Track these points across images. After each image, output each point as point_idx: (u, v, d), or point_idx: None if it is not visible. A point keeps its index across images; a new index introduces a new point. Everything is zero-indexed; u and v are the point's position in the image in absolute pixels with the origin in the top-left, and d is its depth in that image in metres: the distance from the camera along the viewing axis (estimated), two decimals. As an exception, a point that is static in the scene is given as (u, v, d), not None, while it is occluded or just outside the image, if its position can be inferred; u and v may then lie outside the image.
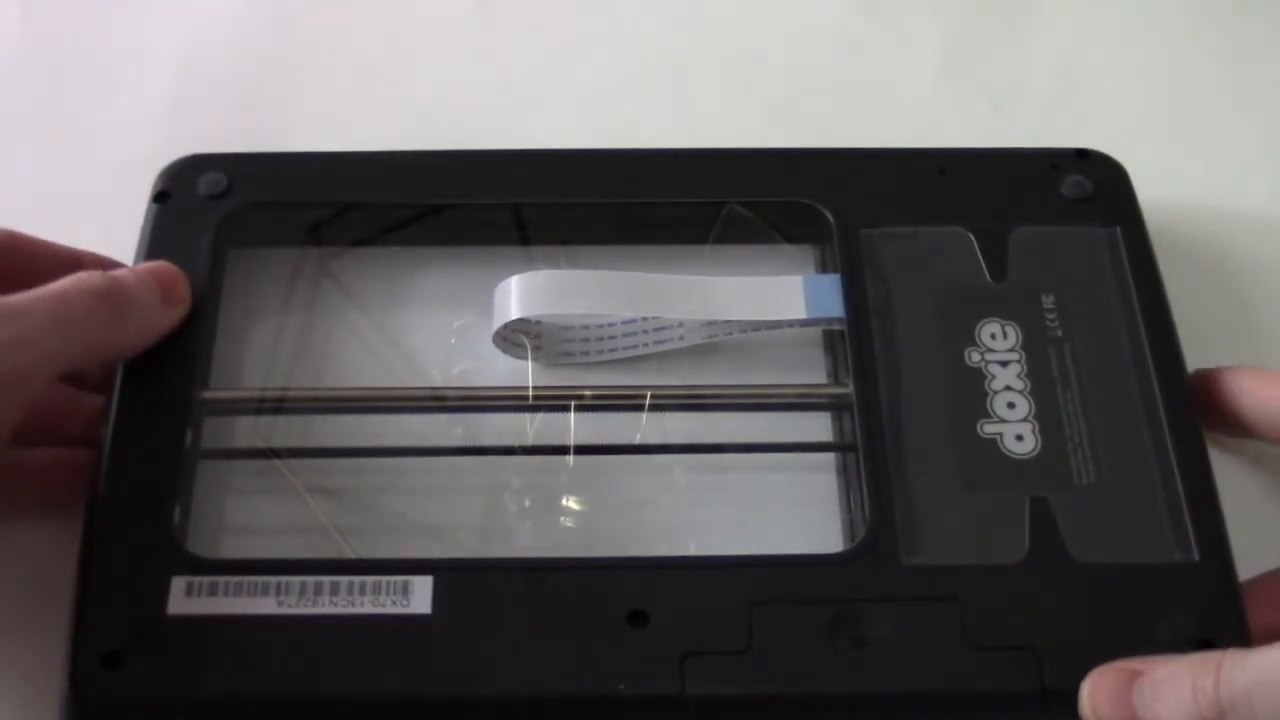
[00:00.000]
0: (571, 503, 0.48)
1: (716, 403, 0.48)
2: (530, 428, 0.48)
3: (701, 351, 0.51)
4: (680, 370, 0.50)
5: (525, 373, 0.50)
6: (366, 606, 0.42)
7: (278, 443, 0.48)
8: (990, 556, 0.44)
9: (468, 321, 0.51)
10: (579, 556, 0.45)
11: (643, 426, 0.48)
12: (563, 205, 0.52)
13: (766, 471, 0.48)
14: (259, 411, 0.48)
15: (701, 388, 0.49)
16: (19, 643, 0.45)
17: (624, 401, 0.48)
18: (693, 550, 0.46)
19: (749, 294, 0.50)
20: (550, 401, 0.48)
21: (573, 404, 0.47)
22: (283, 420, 0.49)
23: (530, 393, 0.48)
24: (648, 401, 0.47)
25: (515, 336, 0.50)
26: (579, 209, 0.52)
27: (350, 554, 0.46)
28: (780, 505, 0.48)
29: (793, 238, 0.53)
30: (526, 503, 0.48)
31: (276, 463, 0.47)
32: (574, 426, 0.47)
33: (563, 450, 0.47)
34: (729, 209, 0.52)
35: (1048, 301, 0.49)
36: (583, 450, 0.47)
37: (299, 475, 0.47)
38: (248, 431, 0.48)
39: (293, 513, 0.47)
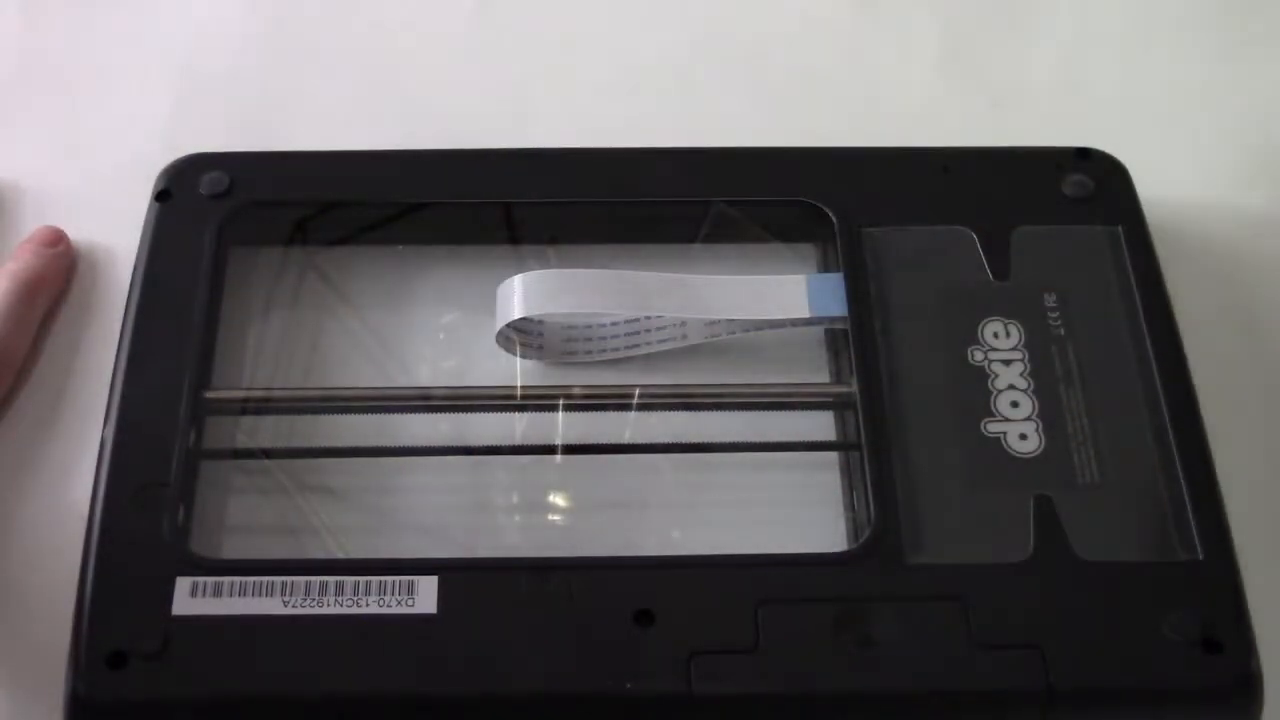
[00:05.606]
0: (573, 502, 0.48)
1: (712, 402, 0.48)
2: (548, 427, 0.48)
3: (705, 350, 0.51)
4: (684, 369, 0.50)
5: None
6: (372, 606, 0.42)
7: (280, 442, 0.48)
8: (995, 555, 0.44)
9: (452, 318, 0.52)
10: (584, 556, 0.45)
11: (652, 426, 0.48)
12: (563, 205, 0.52)
13: (770, 471, 0.48)
14: (261, 411, 0.48)
15: (692, 386, 0.49)
16: (23, 643, 0.45)
17: (614, 400, 0.48)
18: (698, 550, 0.46)
19: (752, 293, 0.50)
20: (539, 401, 0.48)
21: (561, 402, 0.47)
22: (285, 420, 0.49)
23: (519, 391, 0.48)
24: (635, 400, 0.47)
25: (518, 335, 0.50)
26: (578, 208, 0.52)
27: (340, 554, 0.46)
28: (784, 504, 0.48)
29: (794, 236, 0.53)
30: (537, 502, 0.48)
31: (267, 462, 0.47)
32: (562, 425, 0.47)
33: (554, 450, 0.47)
34: (734, 206, 0.52)
35: (1050, 300, 0.49)
36: (574, 449, 0.47)
37: (300, 475, 0.47)
38: (250, 431, 0.48)
39: (295, 513, 0.47)
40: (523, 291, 0.49)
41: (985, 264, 0.50)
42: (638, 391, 0.48)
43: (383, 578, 0.42)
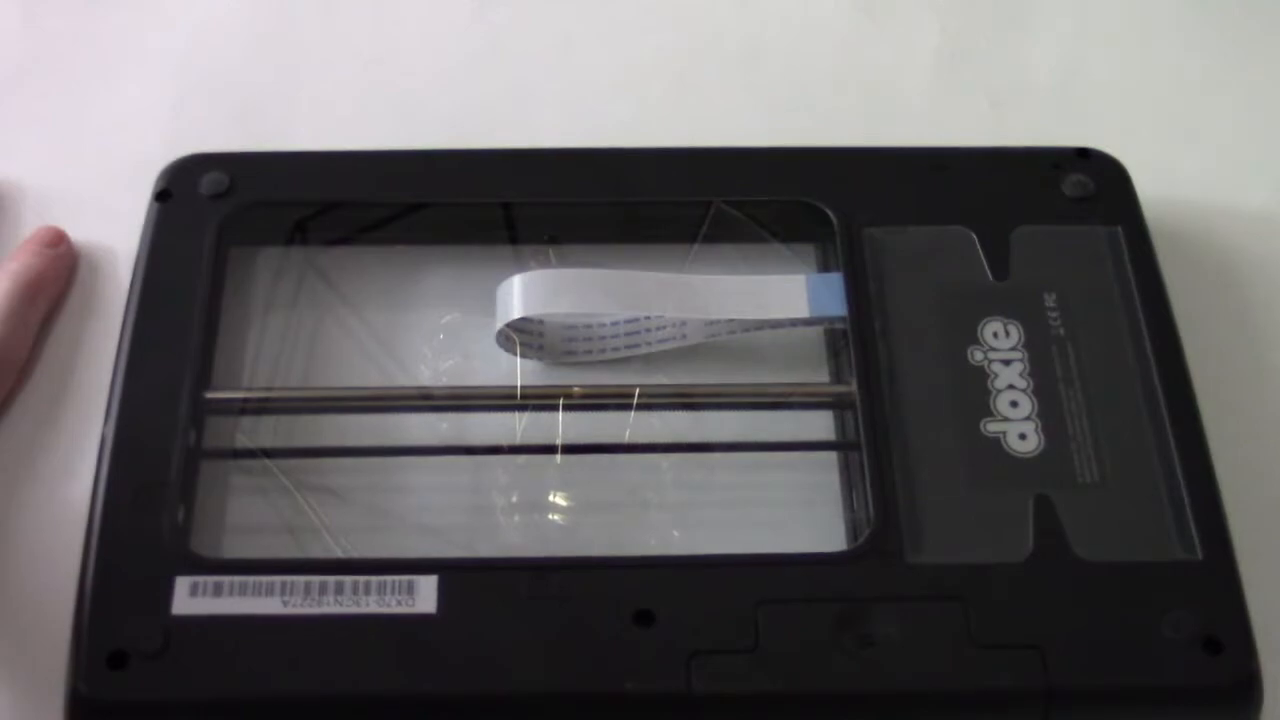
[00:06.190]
0: (573, 501, 0.48)
1: (712, 402, 0.48)
2: (548, 427, 0.48)
3: (705, 350, 0.51)
4: (684, 369, 0.50)
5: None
6: (372, 606, 0.42)
7: (280, 442, 0.48)
8: (994, 555, 0.44)
9: (452, 318, 0.52)
10: (584, 555, 0.45)
11: (652, 426, 0.48)
12: (563, 205, 0.52)
13: (770, 471, 0.48)
14: (261, 411, 0.48)
15: (692, 386, 0.49)
16: (23, 643, 0.45)
17: (614, 400, 0.48)
18: (698, 550, 0.46)
19: (752, 293, 0.50)
20: (539, 401, 0.48)
21: (561, 402, 0.47)
22: (285, 420, 0.49)
23: (519, 391, 0.48)
24: (635, 400, 0.47)
25: (519, 335, 0.50)
26: (578, 208, 0.52)
27: (339, 554, 0.46)
28: (784, 504, 0.48)
29: (794, 236, 0.53)
30: (537, 501, 0.48)
31: (267, 462, 0.47)
32: (562, 425, 0.47)
33: (554, 450, 0.47)
34: (734, 206, 0.52)
35: (1049, 300, 0.49)
36: (574, 449, 0.47)
37: (300, 475, 0.47)
38: (250, 431, 0.48)
39: (295, 512, 0.47)
40: (523, 291, 0.49)
41: (985, 264, 0.50)
42: (638, 391, 0.48)
43: (383, 577, 0.42)
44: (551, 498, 0.48)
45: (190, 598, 0.42)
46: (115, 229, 0.52)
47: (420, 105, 0.59)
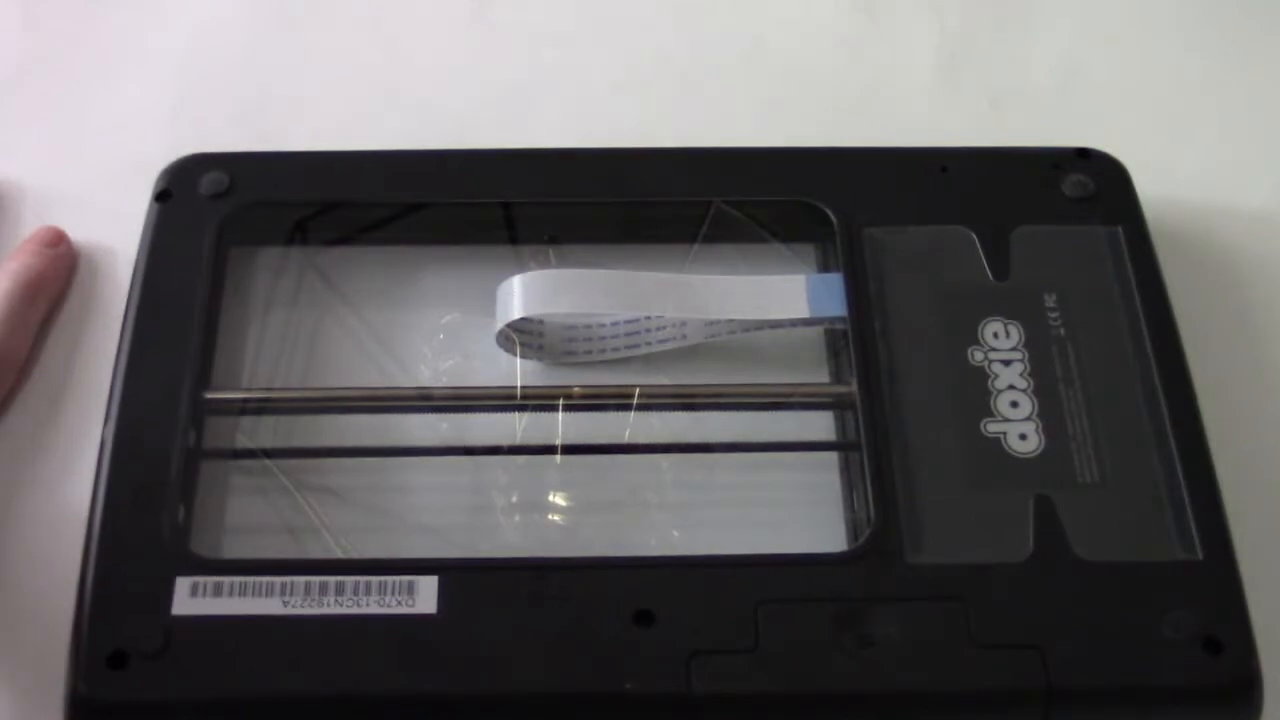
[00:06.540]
0: (573, 502, 0.48)
1: (712, 402, 0.48)
2: (548, 427, 0.48)
3: (705, 350, 0.51)
4: (684, 369, 0.50)
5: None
6: (372, 607, 0.42)
7: (280, 442, 0.48)
8: (995, 555, 0.44)
9: (452, 318, 0.52)
10: (584, 556, 0.45)
11: (652, 426, 0.48)
12: (563, 204, 0.52)
13: (770, 471, 0.48)
14: (261, 411, 0.48)
15: (692, 386, 0.49)
16: (23, 643, 0.45)
17: (614, 400, 0.48)
18: (698, 550, 0.46)
19: (752, 293, 0.50)
20: (539, 401, 0.48)
21: (561, 402, 0.47)
22: (285, 420, 0.49)
23: (519, 391, 0.48)
24: (635, 400, 0.47)
25: (519, 335, 0.50)
26: (578, 208, 0.52)
27: (339, 554, 0.46)
28: (784, 504, 0.48)
29: (794, 236, 0.53)
30: (537, 502, 0.48)
31: (267, 462, 0.47)
32: (562, 425, 0.47)
33: (554, 450, 0.47)
34: (734, 206, 0.52)
35: (1050, 300, 0.49)
36: (574, 449, 0.47)
37: (300, 475, 0.47)
38: (250, 431, 0.48)
39: (295, 513, 0.47)
40: (523, 291, 0.49)
41: (985, 264, 0.50)
42: (638, 391, 0.48)
43: (383, 578, 0.42)
44: (551, 498, 0.48)
45: (190, 598, 0.42)
46: (115, 229, 0.52)
47: (420, 105, 0.59)
